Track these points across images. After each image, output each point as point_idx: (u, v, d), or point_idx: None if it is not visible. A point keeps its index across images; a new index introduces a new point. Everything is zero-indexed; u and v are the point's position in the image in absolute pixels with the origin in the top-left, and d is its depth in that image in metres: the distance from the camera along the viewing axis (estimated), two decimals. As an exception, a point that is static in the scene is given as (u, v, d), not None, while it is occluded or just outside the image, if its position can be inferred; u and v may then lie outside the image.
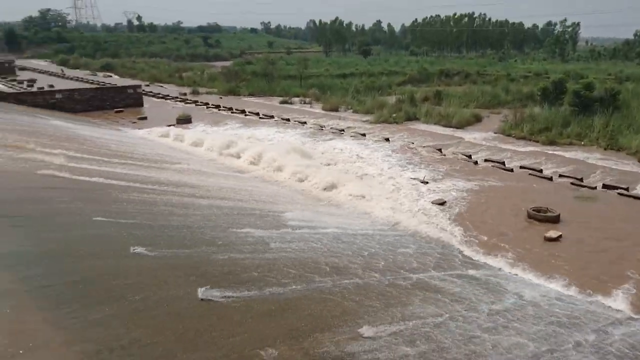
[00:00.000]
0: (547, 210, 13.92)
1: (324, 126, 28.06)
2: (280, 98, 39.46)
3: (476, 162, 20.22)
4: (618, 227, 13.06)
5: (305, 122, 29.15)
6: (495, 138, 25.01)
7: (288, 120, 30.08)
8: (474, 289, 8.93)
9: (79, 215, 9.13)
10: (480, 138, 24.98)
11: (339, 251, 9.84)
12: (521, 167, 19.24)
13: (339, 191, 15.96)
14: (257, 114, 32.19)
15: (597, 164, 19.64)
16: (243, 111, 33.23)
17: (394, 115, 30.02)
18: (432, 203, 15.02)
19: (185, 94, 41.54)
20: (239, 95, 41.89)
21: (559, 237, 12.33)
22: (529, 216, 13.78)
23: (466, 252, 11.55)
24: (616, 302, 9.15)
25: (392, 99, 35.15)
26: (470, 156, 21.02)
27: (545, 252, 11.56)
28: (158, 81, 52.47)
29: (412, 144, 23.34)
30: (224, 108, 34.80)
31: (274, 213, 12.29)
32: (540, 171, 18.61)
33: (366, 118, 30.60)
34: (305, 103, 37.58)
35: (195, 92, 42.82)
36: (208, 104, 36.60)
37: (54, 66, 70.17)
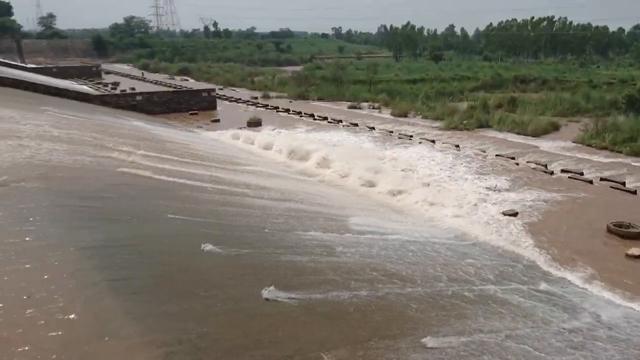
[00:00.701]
0: (630, 225, 13.06)
1: (393, 131, 27.85)
2: (348, 103, 39.57)
3: (552, 172, 19.34)
4: None
5: (373, 127, 29.06)
6: (573, 148, 23.79)
7: (356, 125, 30.11)
8: (545, 306, 8.53)
9: (155, 212, 9.58)
10: (557, 147, 23.85)
11: (403, 258, 9.72)
12: (601, 179, 18.18)
13: (406, 197, 15.78)
14: (326, 118, 32.45)
15: (688, 178, 18.21)
16: (312, 115, 33.61)
17: (465, 122, 29.28)
18: (504, 213, 14.51)
19: (256, 98, 42.59)
20: (308, 99, 42.42)
21: (643, 255, 11.54)
22: (609, 231, 12.99)
23: (538, 266, 11.06)
24: None
25: (464, 105, 34.31)
26: (545, 166, 20.13)
27: (626, 270, 10.85)
28: (231, 85, 54.14)
29: (484, 152, 22.67)
30: (293, 112, 35.36)
31: (340, 217, 12.34)
32: (622, 184, 17.49)
33: (436, 124, 30.06)
34: (374, 108, 37.46)
35: (266, 96, 43.80)
36: (278, 108, 37.34)
37: (136, 70, 74.17)
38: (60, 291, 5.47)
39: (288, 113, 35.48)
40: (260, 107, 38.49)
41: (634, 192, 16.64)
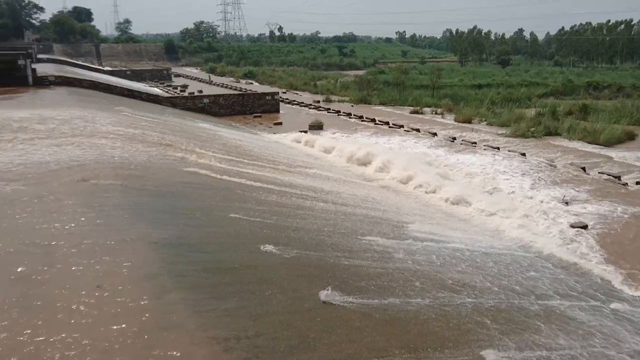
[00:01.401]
0: None
1: (456, 138, 27.26)
2: (410, 108, 39.13)
3: (626, 184, 18.27)
4: None
5: (435, 133, 28.57)
6: (650, 159, 22.37)
7: (418, 130, 29.72)
8: (616, 325, 8.05)
9: (218, 210, 9.88)
10: (632, 158, 22.48)
11: (464, 268, 9.48)
12: (682, 193, 16.99)
13: (468, 205, 15.39)
14: (387, 123, 32.24)
15: None
16: (373, 120, 33.50)
17: (532, 129, 28.18)
18: (572, 226, 13.86)
19: (318, 102, 42.96)
20: (370, 104, 42.29)
21: None
22: (690, 249, 12.13)
23: (609, 282, 10.48)
24: None
25: (531, 112, 33.06)
26: (619, 177, 19.03)
27: None
28: (294, 89, 54.89)
29: (552, 161, 21.75)
30: (355, 116, 35.38)
31: (399, 223, 12.21)
32: None
33: (501, 131, 29.14)
34: (436, 114, 36.83)
35: (328, 100, 44.08)
36: (339, 112, 37.47)
37: (203, 73, 76.71)
38: (128, 283, 5.75)
39: (349, 117, 35.53)
40: (322, 111, 38.78)
41: None
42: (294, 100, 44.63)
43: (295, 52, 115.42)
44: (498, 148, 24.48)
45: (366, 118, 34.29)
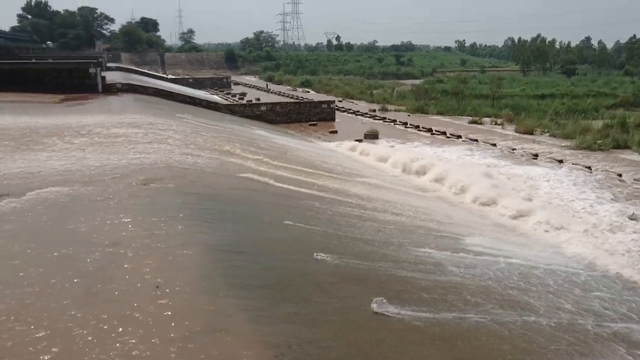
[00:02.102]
0: None
1: (516, 149, 26.42)
2: (469, 118, 38.25)
3: (703, 203, 17.07)
4: None
5: (494, 144, 27.81)
6: None
7: (476, 141, 29.02)
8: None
9: (271, 217, 10.02)
10: None
11: (522, 285, 9.13)
12: None
13: (528, 219, 14.84)
14: (444, 133, 31.69)
15: None
16: (430, 130, 33.01)
17: (599, 141, 26.86)
18: (641, 245, 13.08)
19: (374, 111, 42.79)
20: (427, 113, 41.68)
21: None
22: None
23: (683, 307, 9.78)
24: None
25: (598, 124, 31.55)
26: (695, 195, 17.83)
27: None
28: (350, 97, 54.94)
29: (620, 175, 20.66)
30: (411, 125, 35.00)
31: (454, 236, 11.94)
32: None
33: (565, 143, 27.97)
34: (496, 124, 35.83)
35: (384, 109, 43.82)
36: (395, 121, 37.18)
37: (261, 82, 78.15)
38: (185, 285, 5.92)
39: (405, 127, 35.18)
40: (377, 120, 38.60)
41: None
42: (350, 109, 44.68)
43: (352, 61, 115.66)
44: (561, 161, 23.52)
45: (423, 128, 33.83)
